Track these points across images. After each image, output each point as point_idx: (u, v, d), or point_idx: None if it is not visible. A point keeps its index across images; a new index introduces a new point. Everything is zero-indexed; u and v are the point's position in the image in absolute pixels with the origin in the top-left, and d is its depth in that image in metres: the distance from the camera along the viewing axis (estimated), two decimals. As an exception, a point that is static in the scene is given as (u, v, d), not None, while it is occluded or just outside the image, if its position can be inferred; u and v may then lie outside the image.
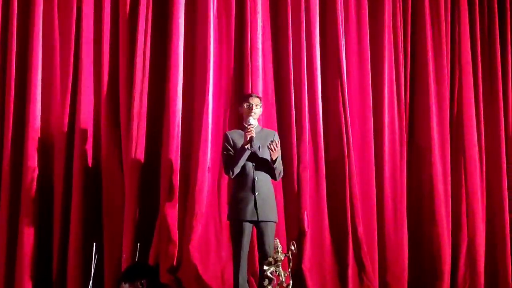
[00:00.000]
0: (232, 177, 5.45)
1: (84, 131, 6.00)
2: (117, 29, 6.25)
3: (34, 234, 5.81)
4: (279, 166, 5.48)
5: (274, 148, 5.34)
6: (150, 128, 6.19)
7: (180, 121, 6.14)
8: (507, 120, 7.23)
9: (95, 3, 6.21)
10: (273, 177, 5.51)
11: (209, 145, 6.16)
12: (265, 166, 5.42)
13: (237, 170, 5.41)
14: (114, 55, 6.23)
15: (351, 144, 6.54)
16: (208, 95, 6.18)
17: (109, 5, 6.24)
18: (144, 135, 6.11)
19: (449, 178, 6.87)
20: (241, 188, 5.43)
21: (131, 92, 6.15)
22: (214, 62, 6.29)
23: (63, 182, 5.94)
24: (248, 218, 5.35)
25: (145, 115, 6.13)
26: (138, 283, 4.05)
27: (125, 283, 4.11)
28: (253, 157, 5.40)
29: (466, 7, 7.23)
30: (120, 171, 6.08)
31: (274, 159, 5.39)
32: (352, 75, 6.75)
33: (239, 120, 6.17)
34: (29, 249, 5.77)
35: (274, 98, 6.47)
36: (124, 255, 5.76)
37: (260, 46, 6.42)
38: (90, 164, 6.03)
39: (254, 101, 5.56)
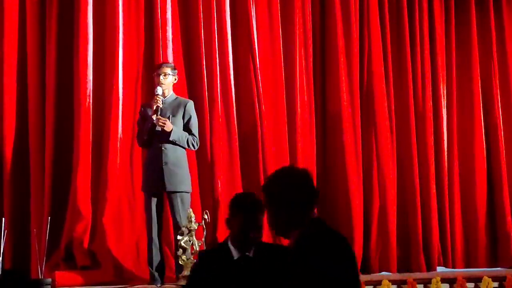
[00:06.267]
0: (143, 147, 5.46)
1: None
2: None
3: None
4: (179, 136, 5.43)
5: (161, 123, 5.34)
6: (61, 99, 6.10)
7: (91, 92, 6.07)
8: (416, 86, 7.37)
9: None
10: (184, 146, 5.51)
11: (120, 116, 6.12)
12: (168, 136, 5.41)
13: (147, 141, 5.42)
14: (22, 25, 6.10)
15: (264, 114, 6.59)
16: (118, 66, 6.13)
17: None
18: (54, 106, 6.02)
19: (360, 145, 6.99)
20: (150, 159, 5.47)
21: (42, 64, 6.07)
22: (124, 32, 6.23)
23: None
24: (156, 189, 5.37)
25: (55, 85, 6.03)
26: None
27: None
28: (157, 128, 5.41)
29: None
30: (28, 144, 5.97)
31: (168, 131, 5.37)
32: (263, 45, 6.76)
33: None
34: None
35: (184, 69, 6.44)
36: (35, 230, 5.68)
37: (170, 16, 6.38)
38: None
39: (163, 70, 5.56)
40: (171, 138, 5.38)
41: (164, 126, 5.35)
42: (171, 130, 5.37)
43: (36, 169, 5.96)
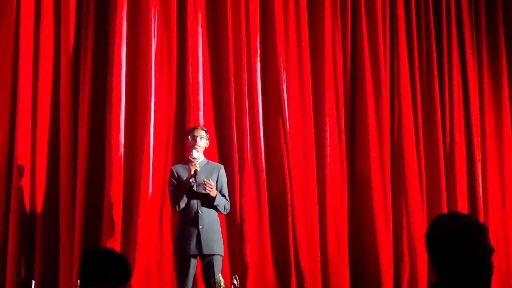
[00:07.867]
0: (178, 210, 5.44)
1: (21, 167, 5.92)
2: (58, 63, 6.22)
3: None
4: (221, 201, 5.46)
5: (209, 187, 5.34)
6: (92, 161, 6.13)
7: (123, 154, 6.12)
8: (445, 147, 7.32)
9: (34, 41, 6.17)
10: (217, 210, 5.50)
11: (151, 178, 6.13)
12: (207, 200, 5.41)
13: (182, 204, 5.41)
14: (55, 88, 6.19)
15: (293, 178, 6.58)
16: (149, 128, 6.17)
17: (51, 37, 6.22)
18: (85, 167, 6.06)
19: (390, 208, 6.92)
20: (185, 221, 5.42)
21: (74, 126, 6.13)
22: (156, 95, 6.28)
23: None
24: (192, 252, 5.34)
25: (86, 147, 6.09)
26: None
27: None
28: (195, 191, 5.39)
29: (404, 37, 7.29)
30: (59, 205, 6.01)
31: (214, 196, 5.39)
32: (293, 108, 6.79)
33: (184, 153, 6.16)
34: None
35: (215, 132, 6.48)
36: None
37: (201, 80, 6.44)
38: (27, 201, 5.94)
39: (199, 133, 5.56)
40: (215, 203, 5.39)
41: (211, 191, 5.36)
42: (216, 195, 5.39)
43: (66, 231, 5.97)
